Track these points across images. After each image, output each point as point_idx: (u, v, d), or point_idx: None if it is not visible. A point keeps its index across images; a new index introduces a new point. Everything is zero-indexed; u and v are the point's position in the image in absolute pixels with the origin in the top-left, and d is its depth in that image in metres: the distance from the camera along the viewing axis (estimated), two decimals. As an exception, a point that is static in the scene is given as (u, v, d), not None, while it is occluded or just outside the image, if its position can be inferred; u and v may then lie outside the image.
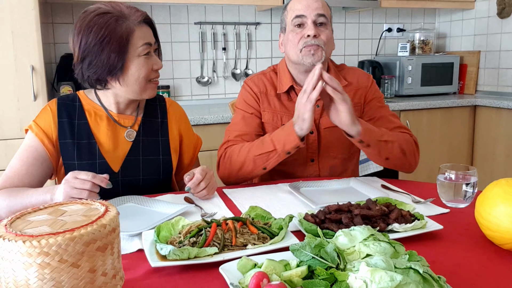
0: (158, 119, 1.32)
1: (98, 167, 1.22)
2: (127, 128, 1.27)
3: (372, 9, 3.35)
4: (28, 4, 2.08)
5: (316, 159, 1.51)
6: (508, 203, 0.85)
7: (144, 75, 1.16)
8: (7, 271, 0.60)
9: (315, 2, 1.38)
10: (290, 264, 0.72)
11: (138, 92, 1.20)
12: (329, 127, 1.48)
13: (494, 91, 3.20)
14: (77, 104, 1.25)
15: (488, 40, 3.22)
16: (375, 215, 0.95)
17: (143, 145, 1.28)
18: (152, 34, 1.19)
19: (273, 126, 1.48)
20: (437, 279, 0.66)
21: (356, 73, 1.52)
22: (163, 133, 1.32)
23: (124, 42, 1.11)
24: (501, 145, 2.90)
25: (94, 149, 1.22)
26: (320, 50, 1.38)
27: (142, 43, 1.14)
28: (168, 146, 1.32)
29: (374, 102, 1.49)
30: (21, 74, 2.12)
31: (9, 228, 0.63)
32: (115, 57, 1.12)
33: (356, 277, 0.65)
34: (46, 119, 1.22)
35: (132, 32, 1.12)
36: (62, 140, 1.22)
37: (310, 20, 1.37)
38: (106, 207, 0.69)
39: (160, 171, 1.30)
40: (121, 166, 1.25)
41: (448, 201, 1.13)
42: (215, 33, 3.00)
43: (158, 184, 1.31)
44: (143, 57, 1.15)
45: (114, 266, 0.66)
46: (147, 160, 1.28)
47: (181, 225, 0.94)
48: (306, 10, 1.37)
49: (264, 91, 1.49)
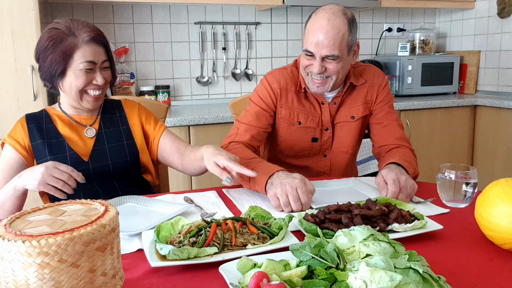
0: (116, 114, 1.44)
1: (69, 159, 1.31)
2: (86, 127, 1.37)
3: (372, 9, 3.35)
4: (28, 4, 2.08)
5: (329, 154, 1.55)
6: (508, 203, 0.85)
7: (79, 85, 1.27)
8: (6, 271, 0.60)
9: (325, 40, 1.32)
10: (290, 264, 0.72)
11: (76, 100, 1.31)
12: (342, 121, 1.52)
13: (494, 91, 3.20)
14: (43, 113, 1.38)
15: (488, 40, 3.22)
16: (375, 215, 0.95)
17: (106, 136, 1.38)
18: (101, 53, 1.29)
19: (288, 122, 1.49)
20: (437, 279, 0.66)
21: (371, 71, 1.54)
22: (123, 122, 1.42)
23: (66, 55, 1.25)
24: (501, 145, 2.90)
25: (63, 145, 1.33)
26: (328, 81, 1.40)
27: (83, 61, 1.25)
28: (130, 132, 1.41)
29: (385, 106, 1.52)
30: (21, 74, 2.12)
31: (9, 228, 0.62)
32: (55, 65, 1.26)
33: (356, 277, 0.65)
34: (17, 130, 1.34)
35: (76, 49, 1.25)
36: (33, 142, 1.31)
37: (318, 57, 1.35)
38: (106, 207, 0.69)
39: (127, 154, 1.39)
40: (90, 155, 1.34)
41: (448, 201, 1.13)
42: (215, 33, 3.00)
43: (128, 167, 1.38)
44: (83, 70, 1.26)
45: (113, 266, 0.66)
46: (112, 147, 1.38)
47: (181, 225, 0.94)
48: (316, 48, 1.34)
49: (285, 87, 1.49)
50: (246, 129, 1.45)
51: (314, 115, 1.49)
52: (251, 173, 1.10)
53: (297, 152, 1.54)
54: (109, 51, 1.33)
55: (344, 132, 1.52)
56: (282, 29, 3.16)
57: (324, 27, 1.32)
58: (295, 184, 1.12)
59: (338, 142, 1.53)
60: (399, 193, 1.14)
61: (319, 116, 1.50)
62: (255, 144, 1.47)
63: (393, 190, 1.13)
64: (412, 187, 1.17)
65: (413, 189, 1.17)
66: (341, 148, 1.53)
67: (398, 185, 1.14)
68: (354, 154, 1.59)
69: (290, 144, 1.53)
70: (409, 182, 1.17)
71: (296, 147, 1.53)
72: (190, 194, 1.27)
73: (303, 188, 1.12)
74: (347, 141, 1.53)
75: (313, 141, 1.52)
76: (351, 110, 1.51)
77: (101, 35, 1.31)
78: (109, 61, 1.33)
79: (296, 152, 1.54)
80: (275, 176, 1.18)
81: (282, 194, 1.11)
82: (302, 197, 1.11)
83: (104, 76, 1.30)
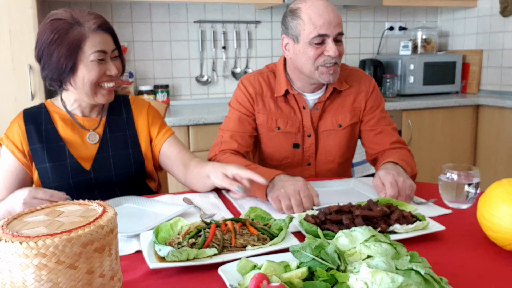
0: (123, 116, 1.33)
1: (69, 167, 1.24)
2: (89, 131, 1.28)
3: (373, 7, 3.34)
4: (26, 3, 2.07)
5: (313, 162, 1.50)
6: (510, 204, 0.84)
7: (93, 78, 1.18)
8: (4, 272, 0.60)
9: (335, 17, 1.31)
10: (290, 265, 0.72)
11: (90, 95, 1.21)
12: (327, 130, 1.47)
13: (497, 90, 3.19)
14: (42, 110, 1.28)
15: (491, 38, 3.21)
16: (376, 216, 0.95)
17: (110, 141, 1.29)
18: (109, 41, 1.20)
19: (267, 128, 1.46)
20: (439, 281, 0.65)
21: (358, 76, 1.49)
22: (129, 127, 1.33)
23: (74, 47, 1.14)
24: (504, 145, 2.89)
25: (63, 151, 1.24)
26: (337, 68, 1.37)
27: (94, 51, 1.16)
28: (136, 139, 1.32)
29: (376, 111, 1.47)
30: (19, 74, 2.11)
31: (6, 229, 0.62)
32: (64, 60, 1.15)
33: (357, 278, 0.64)
34: (14, 130, 1.25)
35: (84, 39, 1.15)
36: (32, 146, 1.24)
37: (331, 39, 1.31)
38: (104, 208, 0.68)
39: (132, 163, 1.31)
40: (92, 164, 1.26)
41: (450, 202, 1.12)
42: (214, 31, 2.99)
43: (132, 177, 1.31)
44: (95, 62, 1.17)
45: (112, 267, 0.66)
46: (116, 155, 1.29)
47: (180, 226, 0.93)
48: (328, 28, 1.30)
49: (260, 92, 1.45)
50: (231, 136, 1.42)
51: (294, 120, 1.45)
52: (262, 180, 1.05)
53: (279, 161, 1.49)
54: (116, 39, 1.24)
55: (331, 141, 1.47)
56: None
57: (329, 6, 1.33)
58: (298, 187, 1.10)
59: (324, 150, 1.48)
60: (398, 195, 1.12)
61: (299, 121, 1.45)
62: (243, 150, 1.42)
63: (391, 193, 1.11)
64: (411, 188, 1.15)
65: (412, 189, 1.15)
66: (327, 157, 1.48)
67: (396, 188, 1.12)
68: (343, 163, 1.53)
69: (272, 151, 1.48)
70: (408, 182, 1.14)
71: (278, 154, 1.48)
72: (189, 195, 1.27)
73: (306, 192, 1.10)
74: (334, 150, 1.47)
75: (294, 147, 1.47)
76: (338, 118, 1.46)
77: (107, 22, 1.21)
78: (118, 51, 1.23)
79: (279, 161, 1.49)
80: (277, 179, 1.16)
81: (285, 196, 1.10)
82: (304, 202, 1.09)
83: (117, 66, 1.21)
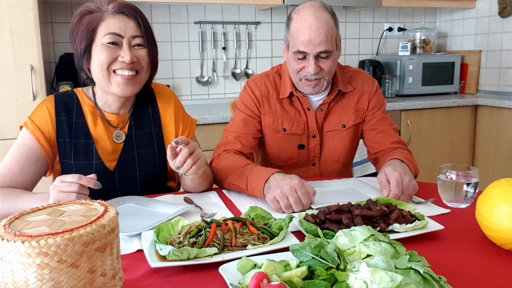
0: (148, 109, 1.29)
1: (94, 167, 1.21)
2: (116, 130, 1.25)
3: (372, 8, 3.35)
4: (27, 4, 2.08)
5: (318, 163, 1.51)
6: (509, 203, 0.84)
7: (102, 62, 1.12)
8: (6, 271, 0.60)
9: (318, 36, 1.29)
10: (290, 264, 0.72)
11: (104, 82, 1.15)
12: (332, 130, 1.48)
13: (495, 90, 3.20)
14: (74, 101, 1.23)
15: (489, 39, 3.22)
16: (376, 215, 0.95)
17: (136, 139, 1.25)
18: (131, 26, 1.13)
19: (273, 129, 1.47)
20: (438, 280, 0.66)
21: (361, 78, 1.51)
22: (155, 123, 1.29)
23: (89, 30, 1.11)
24: (502, 145, 2.90)
25: (91, 149, 1.21)
26: (322, 81, 1.37)
27: (107, 32, 1.10)
28: (161, 136, 1.29)
29: (378, 112, 1.49)
30: (20, 74, 2.11)
31: (8, 228, 0.62)
32: (80, 43, 1.13)
33: (357, 277, 0.64)
34: (43, 117, 1.19)
35: (100, 21, 1.11)
36: (61, 139, 1.20)
37: (311, 56, 1.32)
38: (105, 207, 0.69)
39: (157, 163, 1.28)
40: (117, 164, 1.24)
41: (449, 201, 1.13)
42: (215, 32, 2.99)
43: (156, 178, 1.29)
44: (106, 45, 1.11)
45: (113, 266, 0.66)
46: (142, 154, 1.26)
47: (180, 226, 0.94)
48: (308, 46, 1.30)
49: (266, 94, 1.46)
50: (235, 137, 1.42)
51: (299, 122, 1.46)
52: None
53: (285, 161, 1.50)
54: (146, 27, 1.15)
55: (335, 141, 1.49)
56: (282, 29, 3.15)
57: (314, 24, 1.29)
58: (294, 185, 1.11)
59: (328, 150, 1.49)
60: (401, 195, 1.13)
61: (304, 122, 1.46)
62: (247, 151, 1.43)
63: (395, 192, 1.12)
64: (414, 189, 1.16)
65: (414, 190, 1.17)
66: (331, 157, 1.50)
67: (401, 187, 1.13)
68: (346, 163, 1.55)
69: (277, 152, 1.49)
70: (412, 183, 1.16)
71: (283, 155, 1.49)
72: (190, 194, 1.27)
73: (303, 189, 1.11)
74: (338, 150, 1.49)
75: (299, 148, 1.48)
76: (342, 119, 1.48)
77: (134, 8, 1.14)
78: (146, 40, 1.15)
79: (284, 161, 1.50)
80: (271, 179, 1.16)
81: (282, 196, 1.10)
82: (303, 199, 1.10)
83: (136, 55, 1.13)
